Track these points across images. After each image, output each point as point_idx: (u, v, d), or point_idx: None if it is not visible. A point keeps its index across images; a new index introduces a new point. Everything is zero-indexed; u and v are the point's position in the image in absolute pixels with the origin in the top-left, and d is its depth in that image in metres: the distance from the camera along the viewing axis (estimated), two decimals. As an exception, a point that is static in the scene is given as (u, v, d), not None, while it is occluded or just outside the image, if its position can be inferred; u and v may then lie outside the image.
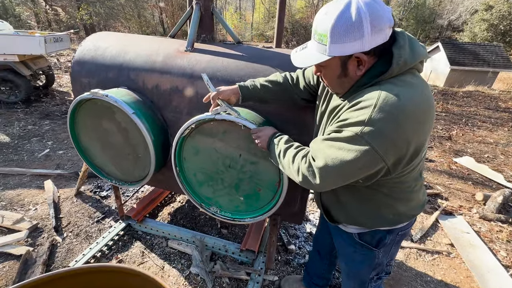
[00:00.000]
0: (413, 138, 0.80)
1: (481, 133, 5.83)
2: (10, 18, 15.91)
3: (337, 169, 0.82)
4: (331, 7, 0.79)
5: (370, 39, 0.76)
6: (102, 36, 1.87)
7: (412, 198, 1.04)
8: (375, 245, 1.14)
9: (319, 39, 0.82)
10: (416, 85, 0.82)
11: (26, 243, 2.17)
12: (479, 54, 14.00)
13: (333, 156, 0.82)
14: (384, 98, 0.76)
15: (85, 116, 1.68)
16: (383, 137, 0.76)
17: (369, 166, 0.81)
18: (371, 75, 0.84)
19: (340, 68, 0.86)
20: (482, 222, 2.87)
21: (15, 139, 4.00)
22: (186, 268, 2.03)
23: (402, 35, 0.83)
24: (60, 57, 9.42)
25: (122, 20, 18.42)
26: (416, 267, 2.24)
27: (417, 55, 0.83)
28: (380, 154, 0.77)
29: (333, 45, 0.79)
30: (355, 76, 0.86)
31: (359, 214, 1.08)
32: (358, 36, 0.76)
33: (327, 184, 0.88)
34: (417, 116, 0.78)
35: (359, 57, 0.81)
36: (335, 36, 0.78)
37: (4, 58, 4.88)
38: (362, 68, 0.83)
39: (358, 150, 0.77)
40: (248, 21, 32.54)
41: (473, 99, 9.32)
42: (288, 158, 0.99)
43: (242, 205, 1.53)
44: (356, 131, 0.77)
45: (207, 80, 1.21)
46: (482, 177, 3.86)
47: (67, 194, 2.81)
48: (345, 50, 0.79)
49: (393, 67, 0.79)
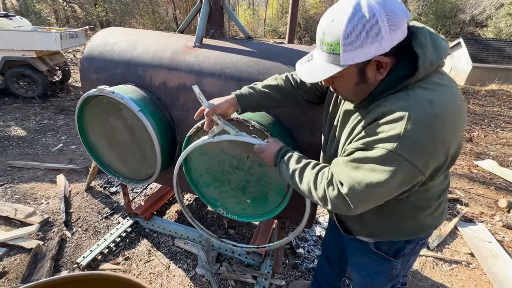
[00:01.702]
0: (452, 145, 0.72)
1: (505, 135, 5.50)
2: (31, 15, 16.46)
3: (372, 193, 0.74)
4: (337, 12, 0.70)
5: (389, 39, 0.68)
6: (111, 31, 1.84)
7: (438, 205, 0.96)
8: (393, 255, 1.05)
9: (329, 49, 0.73)
10: (446, 85, 0.74)
11: (37, 236, 2.20)
12: (504, 50, 13.24)
13: (366, 180, 0.73)
14: (416, 107, 0.68)
15: (92, 112, 1.66)
16: (422, 150, 0.68)
17: (407, 182, 0.73)
18: (393, 79, 0.75)
19: (357, 76, 0.76)
20: (506, 231, 2.69)
21: (31, 133, 4.11)
22: (192, 268, 2.01)
23: (423, 32, 0.74)
24: (77, 53, 9.65)
25: (137, 16, 18.68)
26: (432, 277, 2.12)
27: (441, 53, 0.74)
28: (420, 168, 0.69)
29: (347, 53, 0.70)
30: (376, 81, 0.77)
31: (379, 228, 1.00)
32: (376, 38, 0.67)
33: (362, 209, 0.79)
34: (453, 120, 0.71)
35: (379, 60, 0.72)
36: (349, 42, 0.68)
37: (23, 54, 5.02)
38: (383, 71, 0.74)
39: (394, 170, 0.69)
40: (261, 17, 32.29)
41: (496, 99, 8.83)
42: (308, 182, 0.87)
43: (249, 208, 1.47)
44: (390, 148, 0.68)
45: (199, 93, 1.06)
46: (506, 182, 3.63)
47: (78, 189, 2.85)
48: (363, 55, 0.70)
49: (420, 71, 0.70)
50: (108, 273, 0.78)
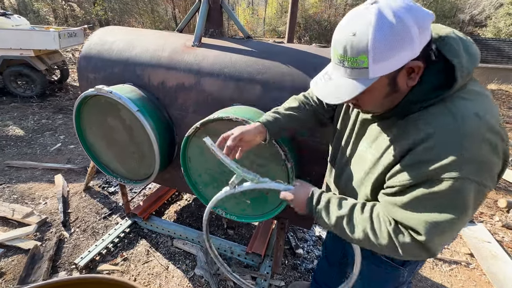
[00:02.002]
0: (505, 149, 0.68)
1: (504, 135, 5.51)
2: (30, 13, 16.39)
3: (453, 229, 0.68)
4: (357, 23, 0.64)
5: (420, 41, 0.63)
6: (109, 30, 1.83)
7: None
8: (402, 263, 1.01)
9: (353, 64, 0.66)
10: (482, 93, 0.71)
11: (35, 237, 2.19)
12: (503, 50, 13.29)
13: (444, 219, 0.66)
14: (465, 122, 0.63)
15: (90, 112, 1.65)
16: (486, 166, 0.64)
17: (479, 203, 0.69)
18: (426, 89, 0.69)
19: (388, 86, 0.70)
20: (505, 231, 2.68)
21: (29, 132, 4.08)
22: (191, 269, 1.99)
23: (453, 38, 0.69)
24: (75, 52, 9.60)
25: (136, 15, 18.62)
26: (432, 278, 2.11)
27: (475, 60, 0.69)
28: (489, 185, 0.65)
29: (378, 64, 0.64)
30: (407, 88, 0.71)
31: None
32: (408, 42, 0.61)
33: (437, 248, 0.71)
34: (498, 126, 0.67)
35: (413, 66, 0.66)
36: (379, 53, 0.62)
37: (21, 53, 4.99)
38: (415, 75, 0.68)
39: (469, 197, 0.64)
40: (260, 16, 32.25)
41: (495, 99, 8.84)
42: (364, 231, 0.78)
43: (249, 208, 1.46)
44: (456, 176, 0.62)
45: (211, 144, 0.94)
46: (506, 182, 3.63)
47: (76, 189, 2.83)
48: (396, 63, 0.64)
49: (458, 82, 0.66)
50: (104, 276, 0.77)
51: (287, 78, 1.31)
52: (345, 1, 16.29)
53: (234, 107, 1.36)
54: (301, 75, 1.30)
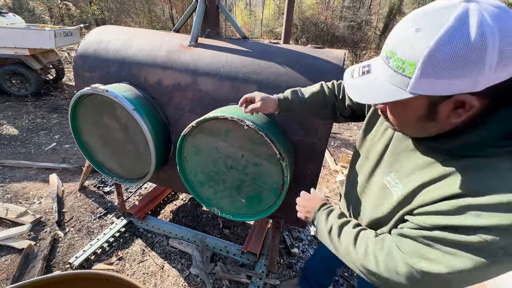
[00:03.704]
0: None
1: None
2: (25, 12, 16.21)
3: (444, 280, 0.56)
4: (429, 19, 0.50)
5: (491, 76, 0.46)
6: (105, 29, 1.83)
7: None
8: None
9: (398, 66, 0.53)
10: None
11: (29, 236, 2.17)
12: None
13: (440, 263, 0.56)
14: None
15: (86, 111, 1.65)
16: None
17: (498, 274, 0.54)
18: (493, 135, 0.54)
19: (425, 109, 0.57)
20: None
21: (24, 132, 4.05)
22: (186, 268, 2.00)
23: None
24: (71, 51, 9.53)
25: (133, 15, 18.54)
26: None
27: None
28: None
29: (424, 80, 0.50)
30: (446, 123, 0.57)
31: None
32: (474, 71, 0.46)
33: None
34: None
35: (464, 99, 0.51)
36: (432, 67, 0.48)
37: (15, 52, 4.93)
38: (463, 113, 0.53)
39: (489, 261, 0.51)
40: (258, 18, 32.33)
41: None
42: (346, 240, 0.74)
43: (244, 207, 1.47)
44: (491, 240, 0.50)
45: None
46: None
47: (71, 189, 2.81)
48: (445, 89, 0.49)
49: None
50: (100, 272, 0.78)
51: (282, 78, 1.33)
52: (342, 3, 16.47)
53: (230, 106, 1.37)
54: (296, 75, 1.31)
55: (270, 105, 1.03)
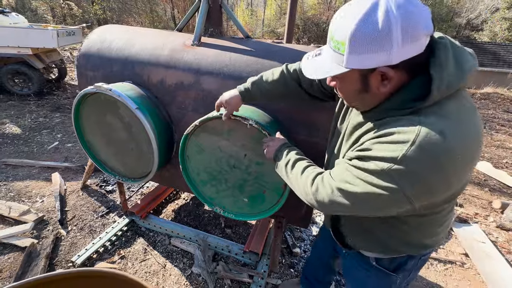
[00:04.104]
0: (455, 182, 0.66)
1: (500, 137, 5.57)
2: (27, 12, 16.28)
3: (352, 198, 0.72)
4: (352, 8, 0.64)
5: (399, 51, 0.61)
6: (108, 28, 1.83)
7: (440, 231, 0.90)
8: (394, 269, 0.99)
9: (336, 47, 0.68)
10: (464, 115, 0.67)
11: (32, 235, 2.18)
12: (499, 54, 13.46)
13: (351, 183, 0.71)
14: (425, 135, 0.61)
15: (89, 110, 1.65)
16: (417, 180, 0.62)
17: (391, 205, 0.69)
18: (404, 99, 0.69)
19: (359, 82, 0.72)
20: (500, 232, 2.72)
21: (26, 130, 4.06)
22: (188, 267, 2.00)
23: (444, 48, 0.65)
24: (73, 51, 9.56)
25: (135, 15, 18.58)
26: (427, 277, 2.14)
27: (464, 73, 0.66)
28: (408, 196, 0.64)
29: (352, 56, 0.65)
30: (379, 92, 0.71)
31: (378, 243, 0.95)
32: (385, 47, 0.61)
33: (338, 209, 0.77)
34: (464, 157, 0.63)
35: (384, 72, 0.66)
36: (355, 45, 0.63)
37: (18, 51, 4.96)
38: (387, 83, 0.68)
39: (381, 186, 0.65)
40: (259, 18, 32.31)
41: (491, 101, 8.94)
42: (297, 170, 0.89)
43: (246, 206, 1.47)
44: (383, 167, 0.64)
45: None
46: (500, 184, 3.68)
47: (74, 187, 2.82)
48: (366, 62, 0.64)
49: (434, 93, 0.63)
50: (104, 270, 0.78)
51: (286, 77, 1.32)
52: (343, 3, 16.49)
53: (233, 106, 1.37)
54: (299, 75, 1.31)
55: (236, 103, 1.14)
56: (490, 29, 23.02)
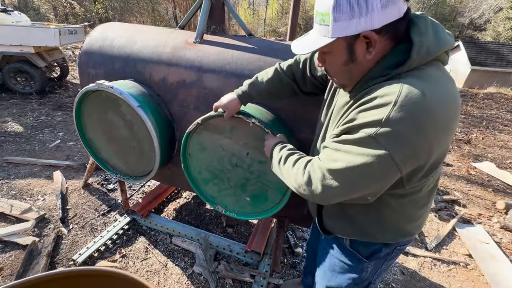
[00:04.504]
0: (436, 146, 0.67)
1: (503, 138, 5.53)
2: (30, 11, 16.33)
3: (343, 176, 0.71)
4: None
5: (379, 14, 0.64)
6: (110, 26, 1.82)
7: (420, 215, 0.91)
8: (367, 256, 0.99)
9: (321, 20, 0.71)
10: (443, 80, 0.69)
11: (33, 233, 2.18)
12: (502, 54, 13.33)
13: (341, 159, 0.70)
14: (406, 94, 0.63)
15: (90, 108, 1.64)
16: (403, 141, 0.63)
17: (381, 175, 0.69)
18: (386, 65, 0.71)
19: (346, 52, 0.73)
20: (504, 233, 2.69)
21: (28, 129, 4.07)
22: (189, 266, 1.99)
23: (423, 19, 0.70)
24: (75, 49, 9.58)
25: (137, 14, 18.60)
26: (430, 278, 2.12)
27: (442, 43, 0.70)
28: (396, 161, 0.65)
29: (336, 24, 0.68)
30: (365, 61, 0.73)
31: (355, 228, 0.95)
32: (365, 10, 0.64)
33: (331, 193, 0.74)
34: (443, 119, 0.66)
35: (368, 36, 0.67)
36: (338, 12, 0.66)
37: (21, 50, 4.97)
38: (372, 50, 0.70)
39: (370, 155, 0.65)
40: (261, 17, 32.26)
41: (494, 102, 8.88)
42: (289, 164, 0.88)
43: (248, 205, 1.46)
44: (369, 133, 0.65)
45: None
46: (504, 184, 3.65)
47: (75, 186, 2.82)
48: (350, 28, 0.67)
49: (413, 56, 0.66)
50: (105, 269, 0.77)
51: (289, 75, 1.31)
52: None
53: (235, 104, 1.35)
54: (303, 73, 1.29)
55: (235, 106, 1.15)
56: (494, 28, 22.88)
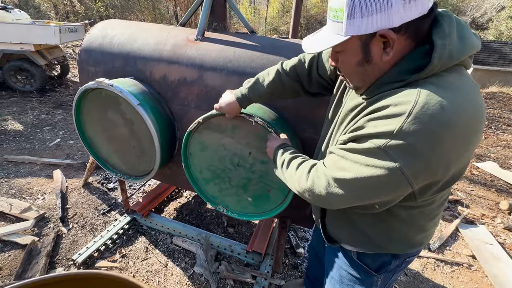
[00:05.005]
0: (454, 161, 0.61)
1: (506, 137, 5.49)
2: (30, 9, 16.30)
3: (349, 186, 0.66)
4: None
5: (400, 11, 0.57)
6: (110, 23, 1.79)
7: (431, 226, 0.87)
8: (376, 269, 0.94)
9: (335, 16, 0.65)
10: (465, 89, 0.62)
11: (32, 232, 2.16)
12: (505, 53, 13.28)
13: (347, 168, 0.66)
14: (423, 105, 0.56)
15: (90, 106, 1.62)
16: (415, 155, 0.58)
17: (390, 188, 0.64)
18: (403, 69, 0.64)
19: (361, 52, 0.67)
20: (507, 234, 2.66)
21: (28, 127, 4.05)
22: (190, 267, 1.97)
23: (448, 18, 0.62)
24: (76, 48, 9.55)
25: (137, 12, 18.56)
26: (433, 279, 2.09)
27: (467, 47, 0.62)
28: (407, 175, 0.59)
29: (350, 21, 0.62)
30: (381, 62, 0.66)
31: (361, 238, 0.90)
32: (383, 6, 0.57)
33: (335, 199, 0.71)
34: (464, 133, 0.59)
35: (385, 34, 0.61)
36: (353, 8, 0.60)
37: (21, 47, 4.94)
38: (390, 50, 0.63)
39: (378, 166, 0.60)
40: (262, 16, 32.16)
41: (497, 101, 8.82)
42: (292, 168, 0.85)
43: (250, 206, 1.44)
44: (378, 144, 0.59)
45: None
46: (507, 184, 3.61)
47: (75, 185, 2.80)
48: (366, 25, 0.60)
49: (434, 61, 0.59)
50: (102, 272, 0.75)
51: (292, 73, 1.28)
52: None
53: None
54: (307, 71, 1.26)
55: (235, 110, 1.12)
56: (496, 27, 22.76)
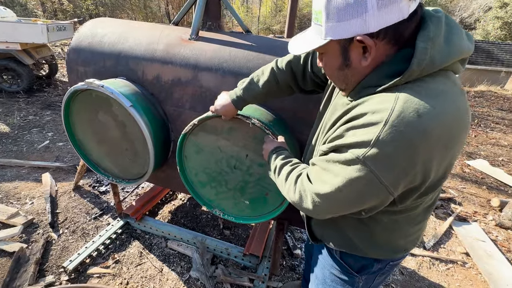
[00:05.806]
0: (434, 168, 0.60)
1: (495, 135, 5.61)
2: (16, 6, 15.80)
3: (333, 198, 0.67)
4: None
5: (376, 16, 0.56)
6: (100, 22, 1.73)
7: (415, 231, 0.85)
8: (358, 270, 0.93)
9: (316, 18, 0.65)
10: (448, 95, 0.59)
11: (20, 239, 2.08)
12: (492, 52, 13.61)
13: (329, 181, 0.66)
14: (399, 113, 0.55)
15: (80, 107, 1.56)
16: (392, 164, 0.58)
17: (371, 198, 0.64)
18: (383, 74, 0.62)
19: (340, 56, 0.66)
20: (499, 230, 2.71)
21: (15, 129, 3.92)
22: (186, 271, 1.93)
23: (437, 20, 0.59)
24: (65, 46, 9.31)
25: (128, 11, 18.24)
26: (429, 277, 2.11)
27: (454, 51, 0.59)
28: (386, 184, 0.59)
29: (328, 25, 0.61)
30: (361, 67, 0.65)
31: (344, 240, 0.90)
32: (359, 11, 0.56)
33: (321, 211, 0.72)
34: (442, 140, 0.58)
35: (362, 40, 0.59)
36: (330, 12, 0.59)
37: (6, 46, 4.77)
38: (369, 56, 0.62)
39: (358, 177, 0.60)
40: (254, 15, 32.09)
41: (485, 99, 9.02)
42: (282, 177, 0.85)
43: (247, 209, 1.41)
44: (358, 154, 0.59)
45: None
46: (497, 182, 3.69)
47: (65, 188, 2.71)
48: (343, 30, 0.60)
49: (413, 67, 0.57)
50: (89, 286, 0.70)
51: (289, 73, 1.25)
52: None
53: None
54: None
55: (230, 112, 1.10)
56: (483, 27, 23.29)
